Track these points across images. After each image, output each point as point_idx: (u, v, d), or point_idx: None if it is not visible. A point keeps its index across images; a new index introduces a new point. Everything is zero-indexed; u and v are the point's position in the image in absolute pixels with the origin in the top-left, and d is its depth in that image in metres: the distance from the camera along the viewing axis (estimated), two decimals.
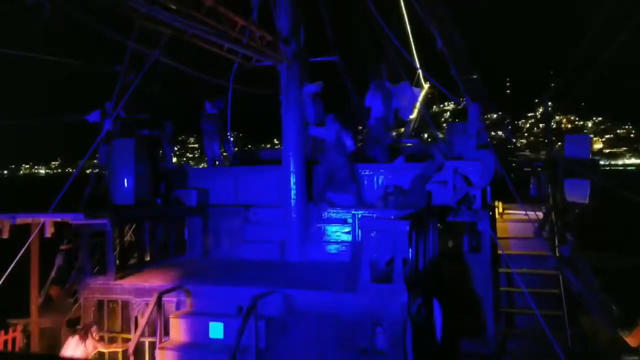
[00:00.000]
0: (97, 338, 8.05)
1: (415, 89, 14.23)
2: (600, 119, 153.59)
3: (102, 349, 8.15)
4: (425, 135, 17.47)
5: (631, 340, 8.79)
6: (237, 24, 8.67)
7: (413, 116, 15.27)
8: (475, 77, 12.73)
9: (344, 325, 7.33)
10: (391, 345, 7.02)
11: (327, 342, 7.27)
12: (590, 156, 11.41)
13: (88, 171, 11.20)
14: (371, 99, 11.78)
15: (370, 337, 7.21)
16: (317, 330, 7.34)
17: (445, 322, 7.98)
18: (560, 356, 8.39)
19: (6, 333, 9.47)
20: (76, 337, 7.91)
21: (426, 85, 15.79)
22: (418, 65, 12.82)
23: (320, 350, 7.23)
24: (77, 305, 9.59)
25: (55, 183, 10.61)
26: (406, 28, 14.45)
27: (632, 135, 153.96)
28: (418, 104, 14.41)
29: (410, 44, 14.06)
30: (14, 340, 9.43)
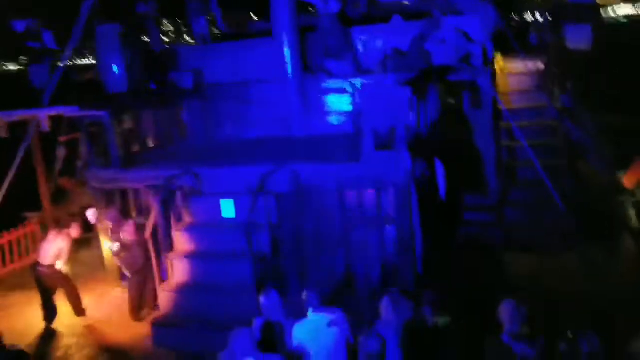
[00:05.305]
0: (72, 237, 8.11)
1: None
2: None
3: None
4: None
5: (626, 181, 9.05)
6: None
7: None
8: None
9: (351, 195, 7.54)
10: (397, 210, 7.28)
11: (335, 212, 7.52)
12: None
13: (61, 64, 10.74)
14: None
15: (377, 203, 7.45)
16: (325, 202, 7.56)
17: (449, 180, 8.18)
18: (559, 203, 8.73)
19: (24, 227, 9.83)
20: (54, 231, 8.08)
21: None
22: None
23: (329, 221, 7.51)
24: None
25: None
26: None
27: None
28: None
29: None
30: (33, 234, 9.81)
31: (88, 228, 8.78)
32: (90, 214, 8.48)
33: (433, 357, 4.61)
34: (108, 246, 8.34)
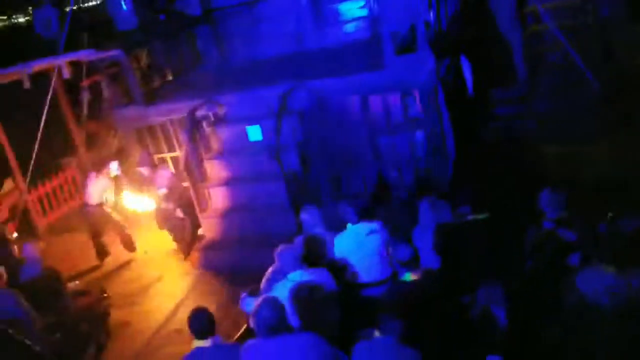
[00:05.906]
0: (110, 174, 8.12)
1: None
2: None
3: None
4: None
5: None
6: None
7: None
8: None
9: (376, 103, 7.42)
10: (424, 112, 7.16)
11: (362, 123, 7.45)
12: None
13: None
14: None
15: (403, 108, 7.33)
16: (350, 113, 7.48)
17: (475, 76, 7.94)
18: (592, 86, 8.40)
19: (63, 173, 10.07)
20: (94, 172, 8.15)
21: None
22: None
23: (357, 132, 7.45)
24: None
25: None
26: None
27: None
28: None
29: None
30: (73, 179, 10.07)
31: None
32: (114, 166, 8.28)
33: (471, 256, 4.67)
34: (158, 191, 8.31)
